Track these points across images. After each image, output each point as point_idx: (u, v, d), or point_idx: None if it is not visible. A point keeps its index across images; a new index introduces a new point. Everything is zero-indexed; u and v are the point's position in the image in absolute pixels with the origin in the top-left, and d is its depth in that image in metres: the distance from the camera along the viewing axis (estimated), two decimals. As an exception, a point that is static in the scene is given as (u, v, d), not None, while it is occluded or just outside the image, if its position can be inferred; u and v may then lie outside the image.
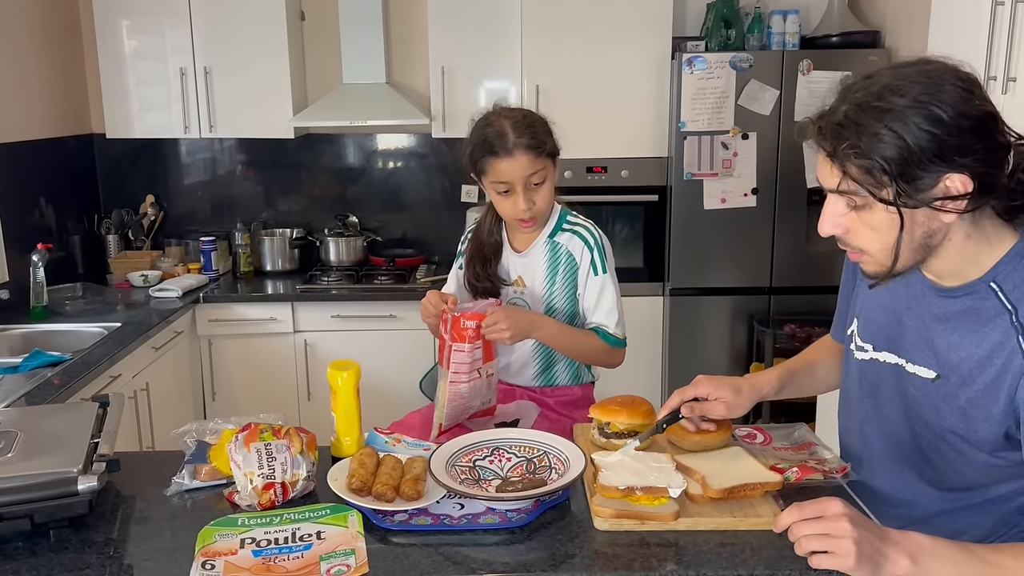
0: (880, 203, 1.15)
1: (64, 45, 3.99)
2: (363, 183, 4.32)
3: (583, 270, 2.01)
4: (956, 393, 1.25)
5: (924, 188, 1.13)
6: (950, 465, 1.32)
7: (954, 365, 1.25)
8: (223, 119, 3.89)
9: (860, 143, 1.13)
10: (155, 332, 3.30)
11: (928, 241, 1.19)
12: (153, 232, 4.24)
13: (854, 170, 1.15)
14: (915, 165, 1.12)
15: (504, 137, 1.88)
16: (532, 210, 1.93)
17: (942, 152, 1.11)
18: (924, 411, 1.32)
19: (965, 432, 1.26)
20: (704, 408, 1.58)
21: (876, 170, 1.13)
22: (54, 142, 3.88)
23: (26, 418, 1.63)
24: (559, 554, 1.31)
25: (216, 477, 1.54)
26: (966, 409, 1.24)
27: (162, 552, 1.33)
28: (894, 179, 1.12)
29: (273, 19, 3.81)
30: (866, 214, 1.18)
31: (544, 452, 1.58)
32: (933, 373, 1.29)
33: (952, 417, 1.27)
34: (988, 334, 1.21)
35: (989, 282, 1.22)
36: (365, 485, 1.45)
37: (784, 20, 3.68)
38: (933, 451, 1.34)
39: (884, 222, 1.17)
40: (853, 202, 1.18)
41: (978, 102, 1.13)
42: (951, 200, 1.13)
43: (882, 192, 1.14)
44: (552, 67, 3.73)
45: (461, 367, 1.83)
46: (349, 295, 3.83)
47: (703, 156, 3.67)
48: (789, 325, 3.66)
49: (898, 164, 1.12)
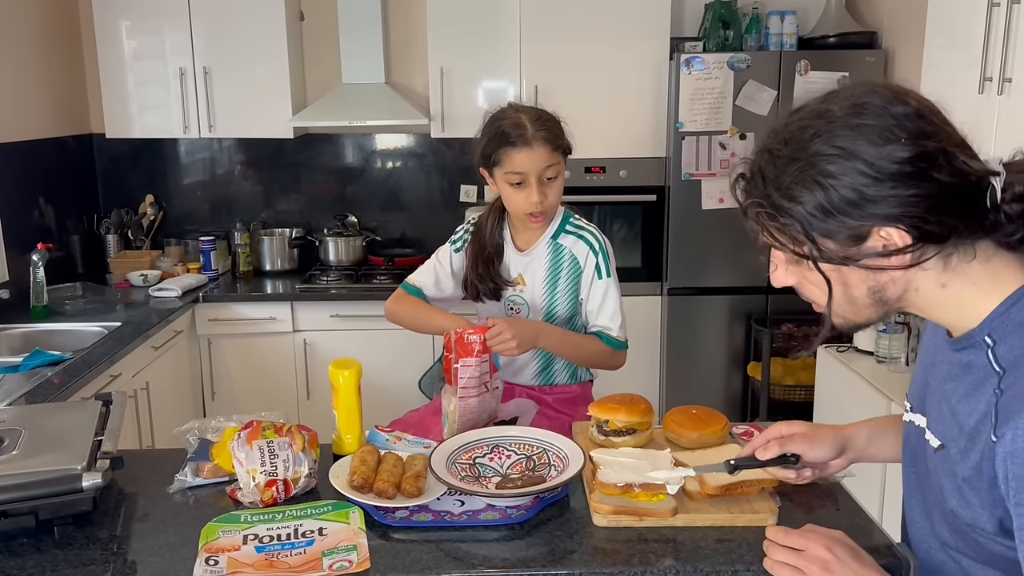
0: (810, 260, 1.01)
1: (64, 46, 4.00)
2: (362, 183, 4.34)
3: (587, 274, 2.03)
4: (955, 469, 1.03)
5: (851, 244, 0.98)
6: (980, 554, 1.06)
7: (954, 436, 1.04)
8: (222, 119, 3.90)
9: (768, 199, 1.01)
10: (155, 331, 3.31)
11: (880, 296, 1.02)
12: (153, 232, 4.25)
13: (772, 230, 1.03)
14: (833, 221, 0.97)
15: (523, 128, 1.90)
16: (543, 204, 1.94)
17: (863, 205, 0.95)
18: (932, 487, 1.10)
19: (965, 517, 1.03)
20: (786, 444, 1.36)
21: (790, 229, 1.00)
22: (54, 142, 3.89)
23: (30, 416, 1.64)
24: (558, 550, 1.33)
25: (218, 474, 1.56)
26: (963, 489, 1.02)
27: (166, 548, 1.34)
28: (809, 239, 0.99)
29: (272, 19, 3.82)
30: (804, 269, 1.05)
31: (543, 450, 1.59)
32: (938, 442, 1.08)
33: (953, 497, 1.04)
34: (977, 402, 1.00)
35: (984, 335, 1.01)
36: (367, 482, 1.47)
37: (782, 21, 3.70)
38: (952, 536, 1.09)
39: (820, 279, 1.02)
40: (788, 259, 1.06)
41: (907, 139, 0.94)
42: (890, 255, 0.97)
43: (803, 249, 1.01)
44: (551, 67, 3.74)
45: (470, 382, 1.81)
46: (348, 295, 3.85)
47: (701, 156, 3.68)
48: (786, 324, 3.67)
49: (811, 222, 0.98)
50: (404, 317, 2.13)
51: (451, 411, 1.80)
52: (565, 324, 2.07)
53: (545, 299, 2.06)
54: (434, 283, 2.13)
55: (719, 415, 1.69)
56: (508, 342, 1.81)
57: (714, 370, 3.88)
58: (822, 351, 3.21)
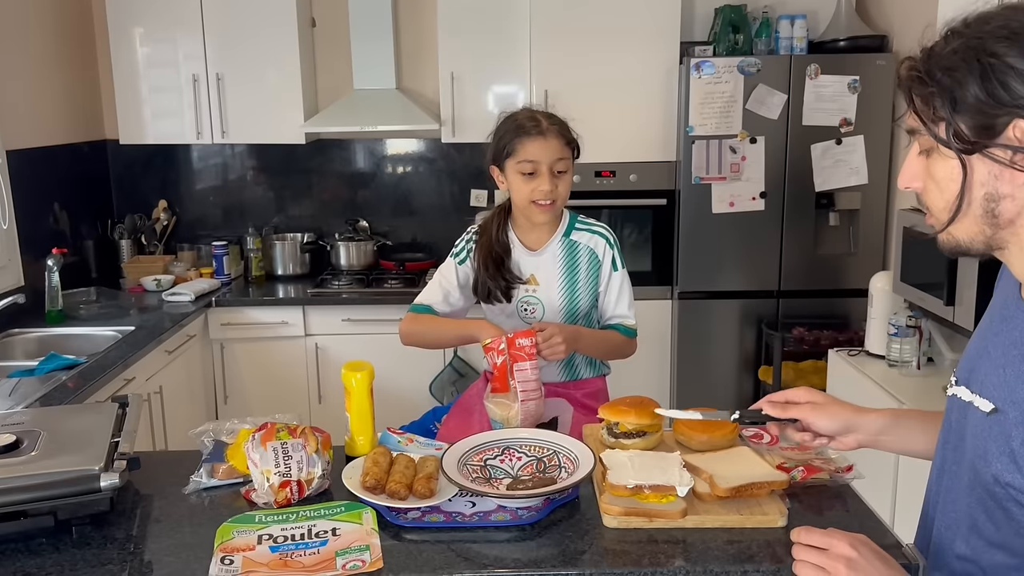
0: (939, 144, 1.00)
1: (78, 53, 4.04)
2: (373, 188, 4.36)
3: (606, 266, 2.10)
4: (1010, 432, 1.01)
5: (984, 130, 0.96)
6: (1014, 535, 1.04)
7: (1019, 400, 1.01)
8: (235, 125, 3.94)
9: (926, 63, 1.00)
10: (168, 336, 3.34)
11: (991, 207, 1.00)
12: (166, 237, 4.28)
13: (917, 100, 1.02)
14: (979, 100, 0.96)
15: (537, 120, 2.01)
16: (554, 193, 1.99)
17: (1012, 89, 0.94)
18: (974, 454, 1.07)
19: (1013, 481, 1.00)
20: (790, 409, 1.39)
21: (932, 97, 0.99)
22: (68, 148, 3.93)
23: (49, 418, 1.66)
24: (569, 551, 1.34)
25: (233, 475, 1.57)
26: (1017, 453, 1.00)
27: (182, 548, 1.36)
28: (950, 110, 0.97)
29: (284, 26, 3.86)
30: (931, 163, 1.04)
31: (554, 451, 1.60)
32: (991, 406, 1.04)
33: (998, 461, 1.02)
34: None
35: None
36: (379, 483, 1.48)
37: (792, 25, 3.70)
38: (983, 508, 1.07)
39: (946, 173, 1.02)
40: (921, 147, 1.05)
41: None
42: (1018, 151, 0.95)
43: (938, 128, 1.00)
44: (561, 72, 3.76)
45: (528, 386, 1.85)
46: (359, 299, 3.87)
47: (711, 160, 3.69)
48: (798, 329, 3.67)
49: (956, 96, 0.97)
50: (425, 334, 2.14)
51: (512, 416, 1.83)
52: (585, 319, 2.11)
53: (564, 296, 2.08)
54: (443, 299, 2.14)
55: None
56: (558, 346, 1.88)
57: (725, 374, 3.88)
58: (833, 354, 3.21)
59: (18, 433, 1.52)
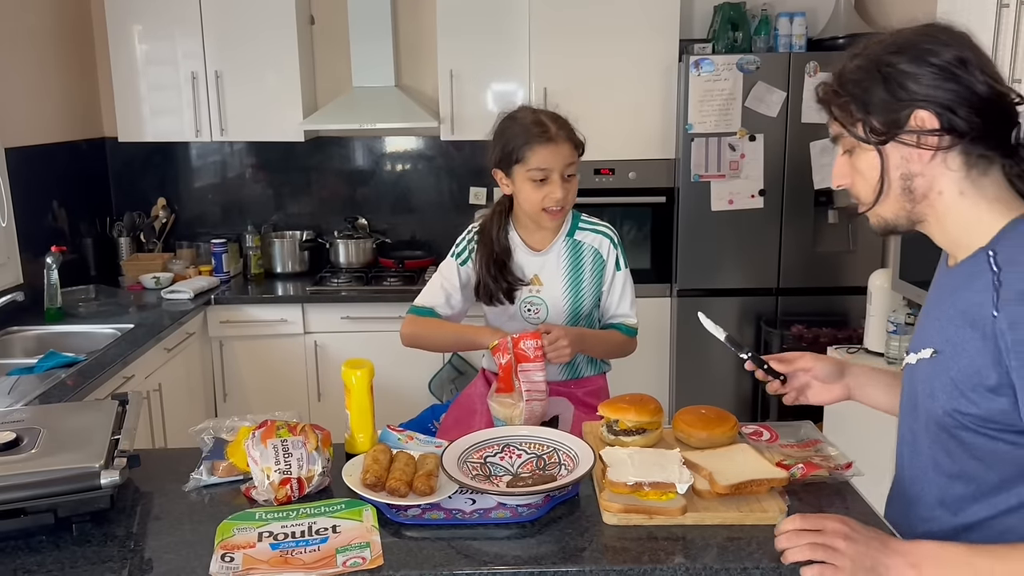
0: (859, 142, 1.20)
1: (77, 51, 4.04)
2: (372, 185, 4.36)
3: (610, 266, 2.10)
4: (948, 365, 1.17)
5: (892, 123, 1.17)
6: (969, 460, 1.19)
7: (949, 336, 1.18)
8: (234, 123, 3.93)
9: (838, 79, 1.23)
10: (167, 333, 3.34)
11: (907, 184, 1.19)
12: (164, 235, 4.28)
13: (836, 110, 1.23)
14: (882, 100, 1.17)
15: (546, 126, 1.96)
16: (565, 200, 1.99)
17: (907, 87, 1.15)
18: (925, 398, 1.24)
19: (960, 408, 1.16)
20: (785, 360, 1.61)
21: (847, 104, 1.20)
22: (67, 146, 3.93)
23: (48, 415, 1.66)
24: (569, 548, 1.34)
25: (233, 473, 1.57)
26: (956, 380, 1.16)
27: (182, 545, 1.36)
28: (863, 112, 1.18)
29: (283, 24, 3.85)
30: (855, 159, 1.23)
31: (554, 449, 1.60)
32: (931, 351, 1.22)
33: (943, 393, 1.18)
34: (977, 293, 1.14)
35: (988, 249, 1.16)
36: (379, 480, 1.48)
37: (791, 22, 3.70)
38: (941, 446, 1.22)
39: (867, 163, 1.21)
40: (844, 148, 1.24)
41: (956, 48, 1.16)
42: (922, 135, 1.15)
43: (856, 128, 1.20)
44: (560, 70, 3.76)
45: (534, 387, 1.86)
46: (358, 296, 3.87)
47: (710, 158, 3.69)
48: (796, 326, 3.67)
49: (864, 99, 1.18)
50: (427, 337, 2.13)
51: (515, 415, 1.83)
52: (587, 319, 2.11)
53: (568, 296, 2.08)
54: (445, 300, 2.13)
55: (729, 415, 1.70)
56: (564, 349, 1.88)
57: (723, 371, 3.88)
58: (832, 352, 3.21)
59: (18, 431, 1.52)
